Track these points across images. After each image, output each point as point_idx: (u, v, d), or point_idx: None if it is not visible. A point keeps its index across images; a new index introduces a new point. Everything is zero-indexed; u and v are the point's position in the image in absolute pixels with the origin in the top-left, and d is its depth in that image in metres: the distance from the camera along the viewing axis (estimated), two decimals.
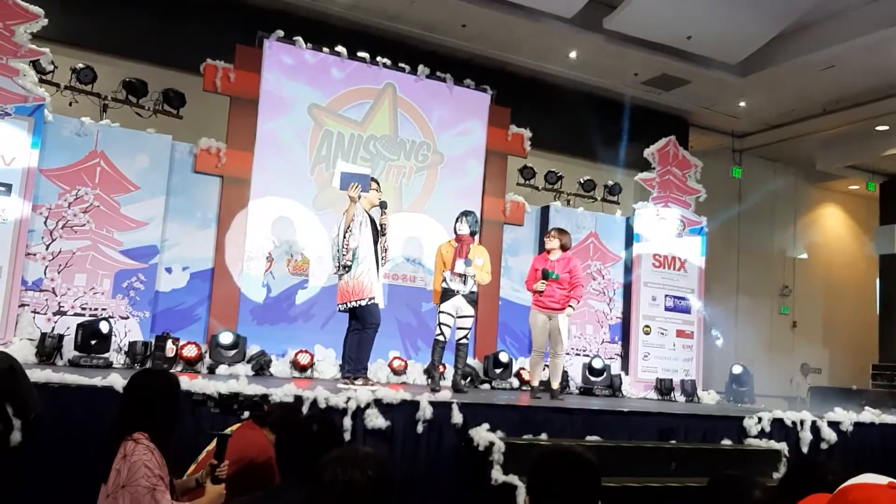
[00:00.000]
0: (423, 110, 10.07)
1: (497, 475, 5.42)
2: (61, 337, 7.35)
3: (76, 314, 7.72)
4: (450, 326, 7.19)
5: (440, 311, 7.20)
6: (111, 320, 7.71)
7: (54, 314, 7.68)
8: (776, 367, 13.35)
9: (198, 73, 8.81)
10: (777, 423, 7.12)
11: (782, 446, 6.86)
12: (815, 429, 7.24)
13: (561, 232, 7.70)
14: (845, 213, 17.20)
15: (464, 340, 7.27)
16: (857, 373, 14.99)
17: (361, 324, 6.61)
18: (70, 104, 8.31)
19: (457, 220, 7.32)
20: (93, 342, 7.34)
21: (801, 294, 15.81)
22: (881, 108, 12.35)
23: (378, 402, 5.48)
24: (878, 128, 13.29)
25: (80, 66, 8.28)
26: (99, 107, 8.45)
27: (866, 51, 10.52)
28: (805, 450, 7.07)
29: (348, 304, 6.54)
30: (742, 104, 12.90)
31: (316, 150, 9.39)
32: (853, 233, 17.23)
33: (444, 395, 6.06)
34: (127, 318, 8.01)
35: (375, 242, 6.64)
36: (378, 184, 6.82)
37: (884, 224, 16.26)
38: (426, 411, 5.60)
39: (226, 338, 8.06)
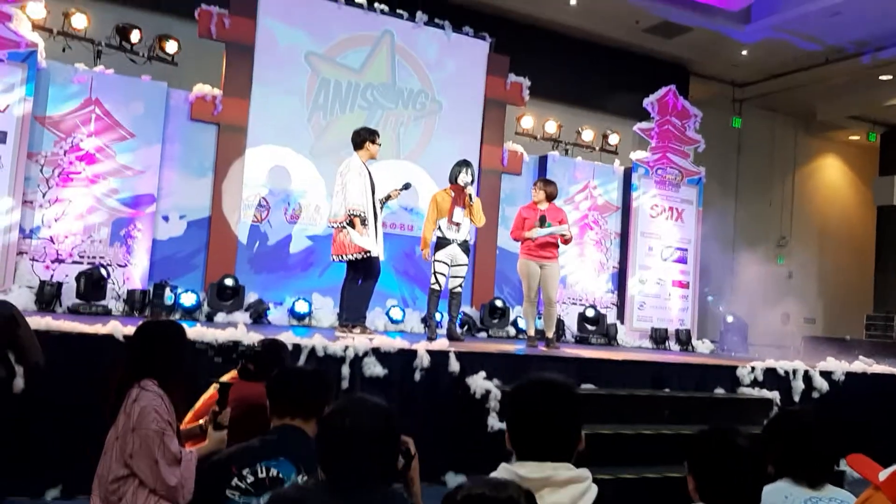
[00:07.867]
0: (422, 58, 9.95)
1: (493, 422, 5.51)
2: (60, 285, 7.39)
3: (74, 262, 7.74)
4: (445, 275, 7.22)
5: (436, 261, 7.20)
6: (109, 268, 7.75)
7: (52, 262, 7.70)
8: (771, 316, 13.44)
9: (192, 18, 8.66)
10: (770, 372, 7.18)
11: (774, 395, 6.94)
12: (807, 378, 7.32)
13: (546, 182, 7.67)
14: (844, 164, 17.14)
15: (458, 289, 7.31)
16: (851, 323, 15.10)
17: (362, 275, 6.68)
18: (63, 50, 8.20)
19: (459, 170, 7.21)
20: (91, 290, 7.37)
21: (797, 244, 15.84)
22: (885, 57, 12.22)
23: (376, 351, 5.53)
24: (881, 77, 13.17)
25: (73, 10, 8.16)
26: (93, 53, 8.34)
27: None
28: (797, 399, 7.15)
29: (344, 256, 6.64)
30: (744, 52, 12.74)
31: (313, 98, 9.30)
32: (852, 184, 17.20)
33: (441, 343, 6.13)
34: (125, 266, 8.03)
35: (373, 195, 6.68)
36: (378, 136, 6.90)
37: (883, 175, 16.23)
38: (423, 359, 5.66)
39: (227, 283, 8.09)
